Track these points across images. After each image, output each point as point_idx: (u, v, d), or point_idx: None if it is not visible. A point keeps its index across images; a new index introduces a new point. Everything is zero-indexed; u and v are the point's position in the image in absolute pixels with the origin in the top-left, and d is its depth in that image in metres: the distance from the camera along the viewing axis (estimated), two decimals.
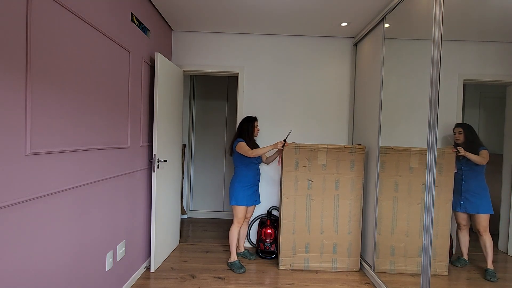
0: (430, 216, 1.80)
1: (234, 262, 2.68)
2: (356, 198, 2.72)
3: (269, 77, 3.26)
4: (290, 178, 2.71)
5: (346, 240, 2.73)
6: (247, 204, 2.65)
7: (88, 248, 1.74)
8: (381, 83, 2.53)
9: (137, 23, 2.31)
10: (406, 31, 2.27)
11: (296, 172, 2.70)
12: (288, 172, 2.71)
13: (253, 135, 2.73)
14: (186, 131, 4.24)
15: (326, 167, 2.70)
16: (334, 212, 2.72)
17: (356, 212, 2.72)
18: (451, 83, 1.85)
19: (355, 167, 2.71)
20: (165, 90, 2.68)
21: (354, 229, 2.72)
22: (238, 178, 2.66)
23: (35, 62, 1.29)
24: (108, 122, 1.91)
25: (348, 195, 2.72)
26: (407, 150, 2.23)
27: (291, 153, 2.69)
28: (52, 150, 1.41)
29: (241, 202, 2.62)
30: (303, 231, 2.73)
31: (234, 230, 2.70)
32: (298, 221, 2.72)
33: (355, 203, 2.72)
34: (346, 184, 2.72)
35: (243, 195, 2.62)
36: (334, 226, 2.73)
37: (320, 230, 2.73)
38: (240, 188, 2.63)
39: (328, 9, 2.60)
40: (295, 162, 2.69)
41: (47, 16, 1.35)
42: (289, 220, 2.73)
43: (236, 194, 2.63)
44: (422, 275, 1.85)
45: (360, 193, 2.71)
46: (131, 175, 2.26)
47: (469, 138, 1.79)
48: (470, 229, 1.96)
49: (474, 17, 1.76)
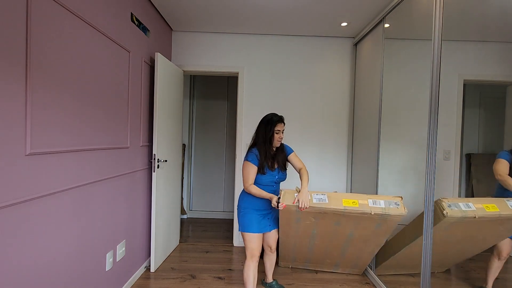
0: (430, 216, 1.80)
1: None
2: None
3: (269, 77, 3.26)
4: (290, 225, 2.16)
5: (352, 260, 2.46)
6: (258, 230, 1.97)
7: (88, 248, 1.74)
8: (381, 83, 2.52)
9: (137, 23, 2.31)
10: (406, 31, 2.27)
11: (297, 225, 2.14)
12: (286, 226, 2.16)
13: (272, 145, 1.98)
14: (186, 131, 4.24)
15: (341, 225, 2.09)
16: (343, 246, 2.31)
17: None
18: (451, 83, 1.85)
19: (383, 226, 2.04)
20: (165, 90, 2.68)
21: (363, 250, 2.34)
22: (243, 196, 2.04)
23: (35, 62, 1.29)
24: (108, 122, 1.91)
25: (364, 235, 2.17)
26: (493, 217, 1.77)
27: (290, 213, 2.02)
28: (52, 150, 1.41)
29: (248, 227, 1.96)
30: (304, 252, 2.47)
31: (248, 268, 1.98)
32: (298, 250, 2.45)
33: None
34: (366, 231, 2.12)
35: (250, 217, 1.97)
36: (341, 253, 2.41)
37: (324, 254, 2.43)
38: (245, 209, 2.00)
39: (328, 9, 2.60)
40: (296, 219, 2.08)
41: (47, 17, 1.35)
42: (287, 247, 2.43)
43: (241, 217, 2.01)
44: (422, 275, 1.84)
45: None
46: (131, 175, 2.26)
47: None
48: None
49: (474, 17, 1.76)
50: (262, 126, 1.97)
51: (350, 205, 1.93)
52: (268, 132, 1.94)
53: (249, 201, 1.99)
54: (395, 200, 1.97)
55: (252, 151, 1.95)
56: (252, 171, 1.91)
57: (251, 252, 1.97)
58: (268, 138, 1.94)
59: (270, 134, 1.94)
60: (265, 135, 1.94)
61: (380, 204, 1.94)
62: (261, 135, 1.96)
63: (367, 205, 1.93)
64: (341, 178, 3.28)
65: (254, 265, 1.98)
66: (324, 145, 3.27)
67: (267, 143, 1.94)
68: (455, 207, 1.79)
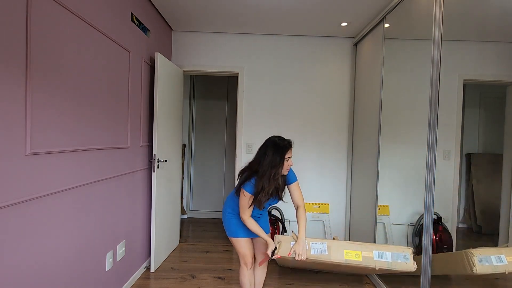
0: (430, 216, 1.80)
1: None
2: None
3: (269, 77, 3.26)
4: (287, 260, 2.04)
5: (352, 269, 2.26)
6: (246, 235, 1.82)
7: (88, 248, 1.74)
8: (381, 83, 2.52)
9: (137, 23, 2.31)
10: (406, 31, 2.27)
11: (295, 260, 1.93)
12: (282, 261, 1.98)
13: (280, 174, 1.68)
14: (186, 131, 4.24)
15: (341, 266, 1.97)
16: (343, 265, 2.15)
17: None
18: (451, 83, 1.85)
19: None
20: (165, 90, 2.68)
21: None
22: (229, 200, 1.87)
23: (35, 62, 1.29)
24: (108, 122, 1.91)
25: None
26: None
27: (286, 260, 1.87)
28: (52, 150, 1.41)
29: (235, 232, 1.82)
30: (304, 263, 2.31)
31: (242, 274, 1.88)
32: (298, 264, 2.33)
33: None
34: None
35: (236, 222, 1.82)
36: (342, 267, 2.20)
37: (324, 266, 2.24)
38: (230, 214, 1.84)
39: (328, 9, 2.60)
40: (292, 258, 1.85)
41: (47, 16, 1.35)
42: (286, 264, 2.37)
43: (227, 221, 1.84)
44: (422, 275, 1.84)
45: None
46: (131, 175, 2.26)
47: None
48: (470, 230, 1.96)
49: (474, 17, 1.76)
50: (269, 153, 1.63)
51: (352, 258, 1.79)
52: (277, 161, 1.62)
53: (235, 205, 1.81)
54: (404, 253, 1.80)
55: (251, 182, 1.66)
56: (249, 203, 1.68)
57: (243, 258, 1.84)
58: (279, 166, 1.63)
59: (280, 163, 1.63)
60: (272, 164, 1.61)
61: (387, 258, 1.79)
62: (266, 163, 1.62)
63: (371, 258, 1.78)
64: (341, 177, 3.28)
65: (249, 273, 1.87)
66: (324, 145, 3.27)
67: (273, 175, 1.63)
68: (486, 262, 1.62)
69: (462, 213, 2.06)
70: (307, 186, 3.28)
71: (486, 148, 1.99)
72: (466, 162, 2.10)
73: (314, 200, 3.29)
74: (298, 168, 3.27)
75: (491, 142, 1.89)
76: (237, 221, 1.82)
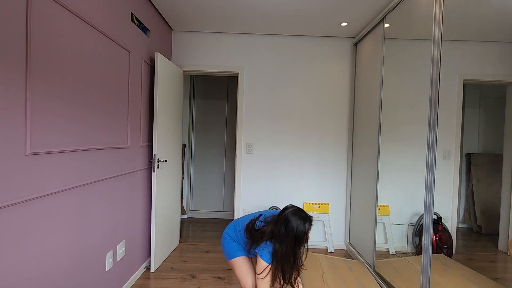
0: (430, 216, 1.80)
1: None
2: None
3: (269, 77, 3.26)
4: None
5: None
6: (245, 254, 1.75)
7: (88, 248, 1.74)
8: (381, 83, 2.52)
9: (137, 23, 2.31)
10: (406, 31, 2.27)
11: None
12: None
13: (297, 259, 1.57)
14: (186, 131, 4.24)
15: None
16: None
17: None
18: (451, 83, 1.85)
19: None
20: (165, 90, 2.68)
21: None
22: (231, 230, 1.82)
23: (35, 62, 1.29)
24: (108, 122, 1.91)
25: None
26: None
27: None
28: (52, 150, 1.41)
29: (234, 253, 1.75)
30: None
31: None
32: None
33: None
34: None
35: (234, 245, 1.78)
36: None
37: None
38: (228, 239, 1.80)
39: (328, 9, 2.60)
40: None
41: (47, 16, 1.35)
42: None
43: (227, 246, 1.79)
44: (422, 275, 1.84)
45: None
46: (131, 175, 2.26)
47: None
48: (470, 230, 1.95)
49: (474, 17, 1.76)
50: (290, 237, 1.49)
51: None
52: (297, 248, 1.50)
53: (237, 234, 1.76)
54: None
55: (268, 255, 1.54)
56: (270, 275, 1.55)
57: (243, 282, 1.67)
58: (296, 252, 1.51)
59: (299, 249, 1.51)
60: (290, 250, 1.49)
61: None
62: (286, 246, 1.49)
63: None
64: (341, 177, 3.28)
65: None
66: (324, 144, 3.27)
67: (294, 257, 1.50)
68: None
69: (462, 213, 2.06)
70: (307, 186, 3.28)
71: (486, 148, 1.98)
72: (466, 162, 2.10)
73: (314, 200, 3.29)
74: (298, 168, 3.27)
75: (491, 142, 1.89)
76: (237, 244, 1.77)
